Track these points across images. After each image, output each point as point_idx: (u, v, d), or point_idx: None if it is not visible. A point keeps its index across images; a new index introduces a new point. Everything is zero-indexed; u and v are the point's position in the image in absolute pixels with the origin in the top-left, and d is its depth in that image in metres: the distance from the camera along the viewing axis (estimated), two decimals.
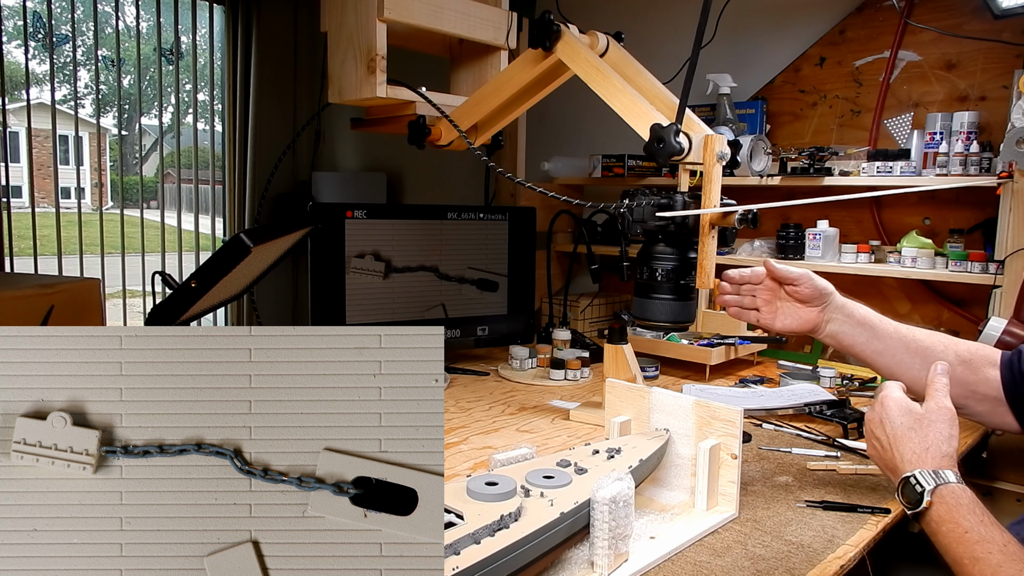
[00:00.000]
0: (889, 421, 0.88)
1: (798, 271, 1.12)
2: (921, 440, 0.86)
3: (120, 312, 3.14)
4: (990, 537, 0.77)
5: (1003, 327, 1.46)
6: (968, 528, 0.78)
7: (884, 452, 0.89)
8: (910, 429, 0.87)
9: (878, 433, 0.89)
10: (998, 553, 0.76)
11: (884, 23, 1.98)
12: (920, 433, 0.86)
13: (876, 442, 0.90)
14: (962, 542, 0.78)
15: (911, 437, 0.86)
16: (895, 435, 0.87)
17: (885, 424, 0.89)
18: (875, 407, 0.92)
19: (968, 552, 0.77)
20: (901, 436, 0.87)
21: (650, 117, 1.18)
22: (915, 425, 0.87)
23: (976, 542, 0.77)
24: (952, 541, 0.79)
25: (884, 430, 0.88)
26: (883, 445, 0.88)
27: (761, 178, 1.94)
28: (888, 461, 0.88)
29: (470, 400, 1.63)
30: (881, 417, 0.89)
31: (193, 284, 1.21)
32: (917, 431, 0.87)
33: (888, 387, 0.93)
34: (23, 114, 2.72)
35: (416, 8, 1.48)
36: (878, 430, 0.89)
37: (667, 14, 2.37)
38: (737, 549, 0.94)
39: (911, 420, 0.88)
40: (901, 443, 0.86)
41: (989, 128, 1.81)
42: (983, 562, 0.75)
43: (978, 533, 0.77)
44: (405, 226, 1.85)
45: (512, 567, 0.75)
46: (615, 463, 0.96)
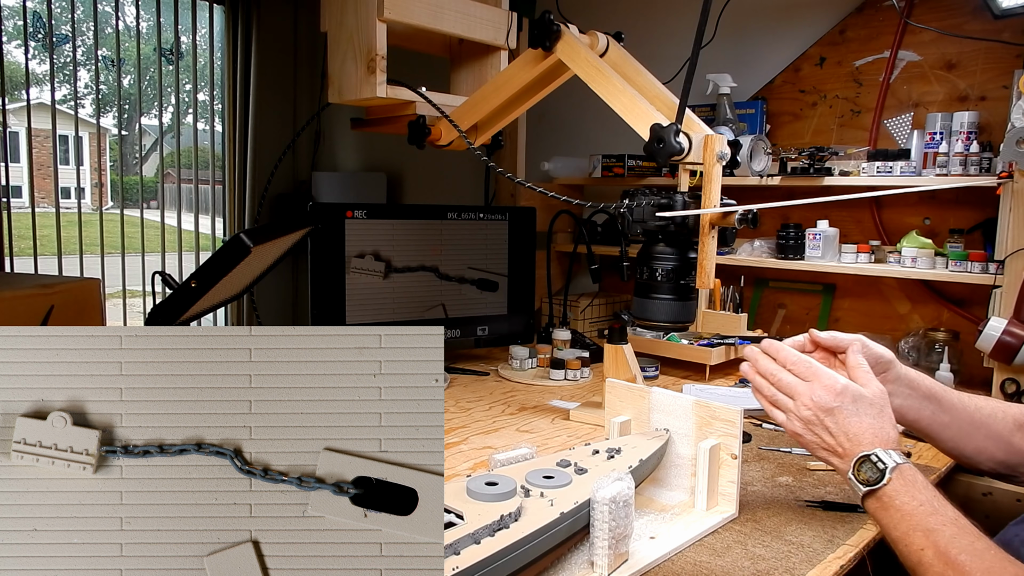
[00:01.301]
0: (843, 408, 0.88)
1: (849, 337, 1.00)
2: (879, 426, 0.87)
3: (120, 312, 3.14)
4: (943, 511, 0.80)
5: (1003, 327, 1.46)
6: (923, 501, 0.80)
7: (832, 437, 0.88)
8: (866, 415, 0.88)
9: (827, 421, 0.88)
10: (951, 525, 0.78)
11: (884, 23, 1.98)
12: (877, 419, 0.88)
13: (823, 430, 0.88)
14: (916, 515, 0.80)
15: (868, 423, 0.87)
16: (850, 421, 0.87)
17: (839, 412, 0.88)
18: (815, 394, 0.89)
19: (922, 524, 0.79)
20: (858, 421, 0.87)
21: (650, 117, 1.18)
22: (870, 411, 0.88)
23: (930, 514, 0.79)
24: (906, 514, 0.80)
25: (836, 417, 0.88)
26: (832, 431, 0.88)
27: (761, 178, 1.94)
28: (836, 446, 0.88)
29: (470, 400, 1.63)
30: (833, 405, 0.88)
31: (193, 284, 1.21)
32: (874, 416, 0.88)
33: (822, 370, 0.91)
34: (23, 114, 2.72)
35: (416, 8, 1.48)
36: (827, 418, 0.88)
37: (667, 14, 2.37)
38: (737, 549, 0.94)
39: (865, 405, 0.88)
40: (860, 428, 0.87)
41: (989, 128, 1.81)
42: (938, 533, 0.78)
43: (932, 506, 0.80)
44: (405, 226, 1.85)
45: (512, 567, 0.75)
46: (615, 463, 0.96)
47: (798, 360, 0.93)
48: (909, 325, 1.97)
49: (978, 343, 1.49)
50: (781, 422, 0.93)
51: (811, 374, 0.91)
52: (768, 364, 0.95)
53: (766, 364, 0.95)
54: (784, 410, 0.92)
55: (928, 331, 1.88)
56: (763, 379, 0.95)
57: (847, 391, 0.89)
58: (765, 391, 0.95)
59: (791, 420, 0.91)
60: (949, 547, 0.76)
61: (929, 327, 1.91)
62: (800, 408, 0.90)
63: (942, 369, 1.62)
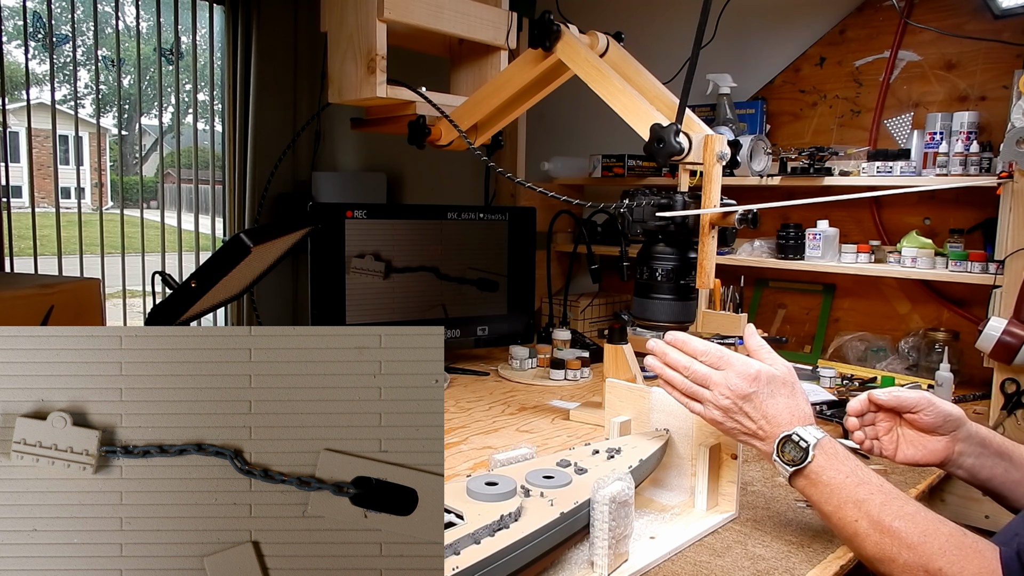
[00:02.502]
0: (759, 392, 0.88)
1: (914, 396, 0.96)
2: (795, 404, 0.88)
3: (120, 312, 3.14)
4: (868, 479, 0.81)
5: (1003, 327, 1.46)
6: (848, 473, 0.82)
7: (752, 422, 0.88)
8: (781, 395, 0.88)
9: (746, 407, 0.88)
10: (879, 493, 0.79)
11: (884, 23, 1.98)
12: (791, 398, 0.89)
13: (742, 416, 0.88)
14: (844, 487, 0.81)
15: (784, 403, 0.88)
16: (767, 403, 0.88)
17: (755, 397, 0.88)
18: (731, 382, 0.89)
19: (851, 495, 0.80)
20: (774, 403, 0.88)
21: (650, 117, 1.18)
22: (783, 390, 0.89)
23: (857, 485, 0.81)
24: (835, 487, 0.82)
25: (754, 402, 0.88)
26: (751, 416, 0.88)
27: (761, 178, 1.94)
28: (757, 430, 0.88)
29: (470, 400, 1.63)
30: (749, 391, 0.88)
31: (193, 284, 1.21)
32: (787, 396, 0.89)
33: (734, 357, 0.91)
34: (23, 114, 2.72)
35: (416, 8, 1.48)
36: (746, 404, 0.88)
37: (667, 14, 2.37)
38: (737, 549, 0.94)
39: (778, 385, 0.89)
40: (777, 409, 0.87)
41: (989, 128, 1.81)
42: (868, 502, 0.79)
43: (858, 477, 0.81)
44: (405, 226, 1.85)
45: (512, 567, 0.75)
46: (615, 463, 0.96)
47: (708, 349, 0.92)
48: (909, 325, 1.97)
49: (978, 343, 1.49)
50: (699, 412, 0.93)
51: (724, 363, 0.91)
52: (679, 357, 0.94)
53: (676, 357, 0.94)
54: (702, 401, 0.92)
55: (928, 331, 1.88)
56: (675, 372, 0.94)
57: (760, 375, 0.89)
58: (679, 384, 0.94)
59: (709, 410, 0.91)
60: (882, 515, 0.78)
61: (929, 327, 1.91)
62: (718, 397, 0.90)
63: (942, 369, 1.62)
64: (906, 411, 0.97)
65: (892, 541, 0.76)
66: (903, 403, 0.97)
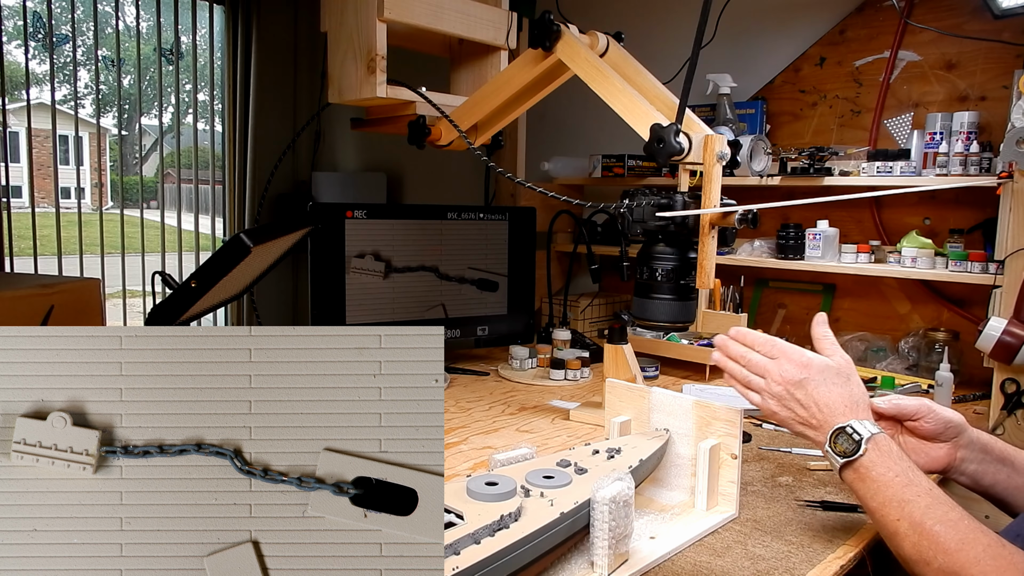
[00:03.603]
0: (811, 380, 0.89)
1: (914, 404, 0.97)
2: (849, 394, 0.88)
3: (120, 312, 3.14)
4: (918, 481, 0.81)
5: (1003, 327, 1.46)
6: (899, 472, 0.81)
7: (804, 409, 0.89)
8: (835, 384, 0.89)
9: (798, 394, 0.89)
10: (926, 496, 0.79)
11: (884, 23, 1.98)
12: (846, 387, 0.89)
13: (793, 401, 0.89)
14: (892, 485, 0.81)
15: (838, 392, 0.88)
16: (819, 391, 0.88)
17: (807, 384, 0.89)
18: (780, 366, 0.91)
19: (897, 495, 0.80)
20: (827, 391, 0.88)
21: (650, 117, 1.18)
22: (837, 380, 0.89)
23: (905, 485, 0.80)
24: (883, 484, 0.81)
25: (806, 389, 0.89)
26: (804, 403, 0.89)
27: (761, 178, 1.94)
28: (809, 418, 0.89)
29: (470, 400, 1.63)
30: (800, 377, 0.89)
31: (193, 284, 1.21)
32: (842, 385, 0.89)
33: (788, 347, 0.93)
34: (23, 114, 2.72)
35: (416, 8, 1.48)
36: (797, 391, 0.89)
37: (667, 14, 2.37)
38: (737, 549, 0.94)
39: (832, 375, 0.89)
40: (830, 397, 0.88)
41: (989, 128, 1.81)
42: (912, 504, 0.79)
43: (907, 477, 0.81)
44: (405, 226, 1.85)
45: (512, 567, 0.75)
46: (615, 463, 0.96)
47: (765, 340, 0.95)
48: (909, 325, 1.97)
49: (978, 343, 1.49)
50: (756, 403, 0.94)
51: (778, 351, 0.93)
52: (737, 348, 0.97)
53: (735, 348, 0.97)
54: (757, 390, 0.94)
55: (928, 331, 1.88)
56: (735, 363, 0.97)
57: (813, 363, 0.90)
58: (737, 374, 0.96)
59: (765, 399, 0.93)
60: (924, 517, 0.77)
61: (929, 327, 1.91)
62: (771, 385, 0.92)
63: (942, 369, 1.62)
64: (906, 419, 0.97)
65: (930, 544, 0.76)
66: (903, 411, 0.97)
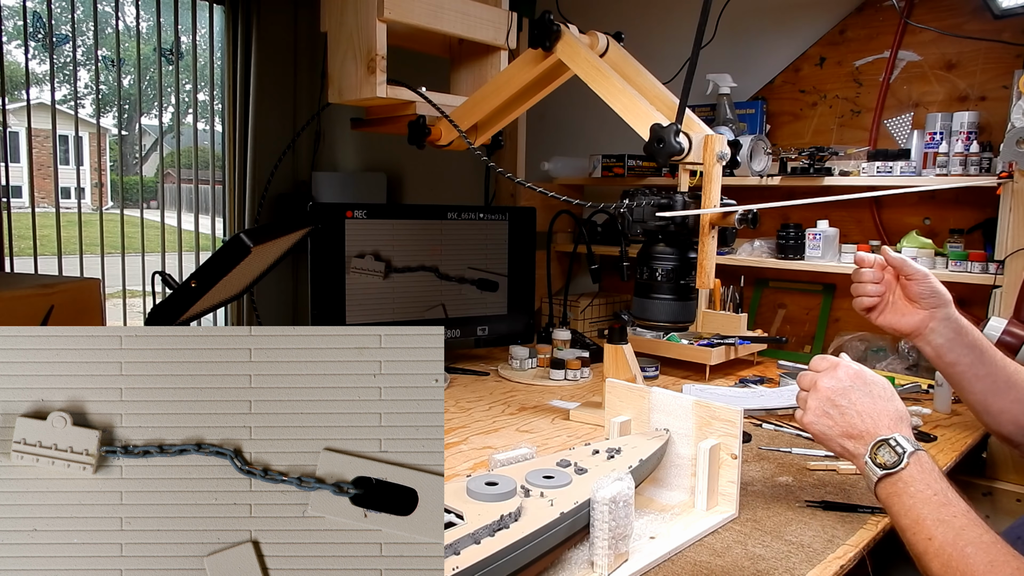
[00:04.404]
0: (856, 390, 0.90)
1: (915, 266, 1.09)
2: (895, 409, 0.89)
3: (120, 312, 3.14)
4: (955, 502, 0.81)
5: (1003, 327, 1.46)
6: (937, 491, 0.81)
7: (844, 418, 0.89)
8: (881, 397, 0.89)
9: (840, 401, 0.90)
10: (962, 517, 0.79)
11: (884, 23, 1.98)
12: (891, 403, 0.89)
13: (835, 409, 0.90)
14: (929, 503, 0.81)
15: (883, 405, 0.89)
16: (864, 401, 0.89)
17: (851, 392, 0.90)
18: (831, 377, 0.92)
19: (933, 514, 0.80)
20: (872, 403, 0.89)
21: (650, 117, 1.18)
22: (884, 393, 0.90)
23: (942, 505, 0.80)
24: (919, 502, 0.81)
25: (849, 397, 0.89)
26: (843, 412, 0.89)
27: (761, 178, 1.94)
28: (850, 427, 0.89)
29: (470, 400, 1.63)
30: (845, 386, 0.90)
31: (193, 284, 1.21)
32: (888, 400, 0.90)
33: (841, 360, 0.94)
34: (23, 114, 2.72)
35: (416, 8, 1.48)
36: (841, 398, 0.90)
37: (667, 14, 2.37)
38: (737, 549, 0.94)
39: (879, 388, 0.90)
40: (875, 408, 0.88)
41: (989, 128, 1.81)
42: (947, 524, 0.78)
43: (945, 497, 0.81)
44: (405, 226, 1.85)
45: (512, 567, 0.75)
46: (615, 463, 0.96)
47: (820, 359, 0.96)
48: None
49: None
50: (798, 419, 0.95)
51: (828, 363, 0.94)
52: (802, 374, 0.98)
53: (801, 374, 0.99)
54: (802, 405, 0.94)
55: None
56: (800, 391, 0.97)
57: (863, 374, 0.91)
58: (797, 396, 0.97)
59: (805, 413, 0.93)
60: (957, 538, 0.77)
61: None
62: (814, 396, 0.92)
63: None
64: (904, 275, 1.08)
65: (959, 565, 0.76)
66: (905, 268, 1.08)
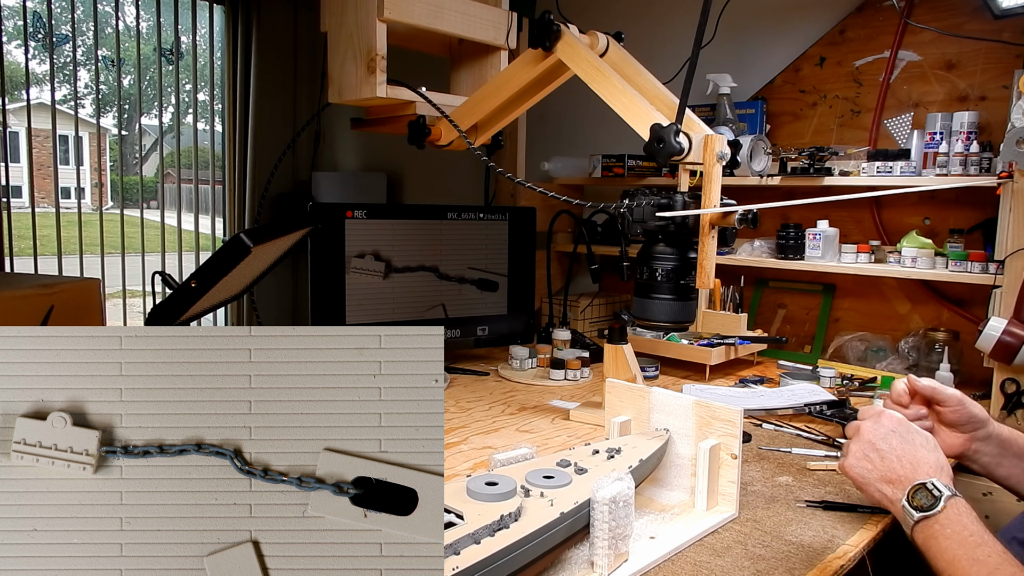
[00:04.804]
0: (897, 435, 0.92)
1: (948, 392, 1.05)
2: (936, 459, 0.91)
3: (120, 312, 3.14)
4: (991, 542, 0.82)
5: (1003, 327, 1.46)
6: (973, 532, 0.82)
7: (883, 462, 0.91)
8: (923, 447, 0.91)
9: (881, 445, 0.92)
10: (996, 556, 0.80)
11: (884, 23, 1.98)
12: (934, 454, 0.92)
13: (875, 453, 0.92)
14: (965, 544, 0.82)
15: (925, 454, 0.91)
16: (906, 448, 0.91)
17: (891, 437, 0.92)
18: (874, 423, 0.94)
19: (969, 553, 0.81)
20: (913, 450, 0.91)
21: (650, 117, 1.18)
22: (927, 444, 0.92)
23: (978, 545, 0.81)
24: (955, 543, 0.82)
25: (889, 443, 0.91)
26: (883, 456, 0.91)
27: (761, 178, 1.94)
28: (889, 471, 0.91)
29: (470, 400, 1.63)
30: (887, 431, 0.92)
31: (193, 284, 1.21)
32: (931, 451, 0.92)
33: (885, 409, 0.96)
34: (23, 114, 2.72)
35: (416, 8, 1.48)
36: (882, 442, 0.92)
37: (667, 14, 2.37)
38: (737, 549, 0.94)
39: (923, 439, 0.92)
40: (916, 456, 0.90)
41: (989, 128, 1.81)
42: (982, 563, 0.80)
43: (980, 537, 0.82)
44: (405, 226, 1.85)
45: (512, 567, 0.75)
46: (615, 463, 0.96)
47: (866, 408, 0.98)
48: (909, 325, 1.97)
49: (978, 343, 1.49)
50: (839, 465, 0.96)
51: (872, 413, 0.96)
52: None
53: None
54: (845, 452, 0.95)
55: (928, 331, 1.88)
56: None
57: (902, 421, 0.93)
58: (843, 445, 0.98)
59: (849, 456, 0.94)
60: None
61: (929, 327, 1.91)
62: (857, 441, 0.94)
63: (942, 369, 1.62)
64: (937, 403, 1.04)
65: None
66: (936, 395, 1.04)
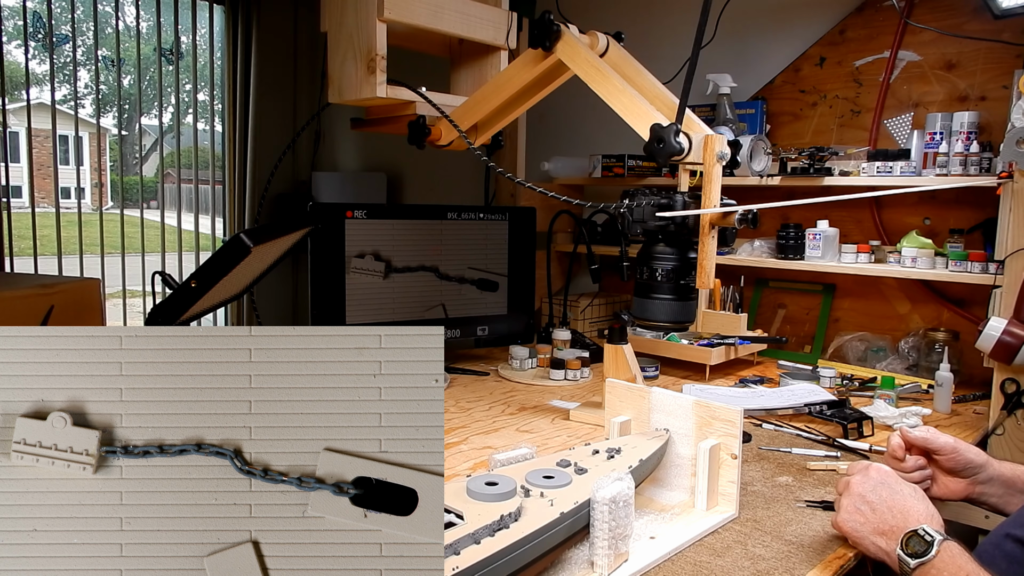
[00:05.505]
0: (886, 487, 0.93)
1: (941, 441, 1.05)
2: (927, 509, 0.92)
3: (120, 312, 3.14)
4: None
5: (1003, 327, 1.46)
6: (969, 572, 0.83)
7: (875, 514, 0.92)
8: (913, 498, 0.92)
9: (871, 497, 0.93)
10: None
11: (884, 23, 1.98)
12: (923, 504, 0.92)
13: (866, 506, 0.93)
14: None
15: (914, 504, 0.92)
16: (896, 498, 0.92)
17: (880, 489, 0.93)
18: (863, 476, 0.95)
19: None
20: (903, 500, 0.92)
21: (650, 117, 1.18)
22: (916, 495, 0.93)
23: None
24: None
25: (879, 494, 0.92)
26: (874, 508, 0.92)
27: (761, 178, 1.94)
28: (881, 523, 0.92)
29: (470, 400, 1.63)
30: (876, 483, 0.93)
31: (193, 284, 1.21)
32: (921, 501, 0.93)
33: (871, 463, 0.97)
34: (23, 114, 2.72)
35: (416, 8, 1.48)
36: (871, 495, 0.93)
37: (667, 14, 2.37)
38: (737, 549, 0.94)
39: (910, 490, 0.93)
40: (907, 505, 0.91)
41: (989, 128, 1.81)
42: None
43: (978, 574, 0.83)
44: (405, 226, 1.85)
45: (512, 567, 0.75)
46: (615, 463, 0.96)
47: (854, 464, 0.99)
48: (909, 325, 1.97)
49: (978, 343, 1.49)
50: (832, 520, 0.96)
51: (860, 467, 0.97)
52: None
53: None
54: (837, 507, 0.96)
55: (928, 331, 1.88)
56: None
57: (890, 473, 0.95)
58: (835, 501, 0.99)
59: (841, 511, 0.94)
60: None
61: (929, 327, 1.91)
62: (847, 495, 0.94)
63: (942, 369, 1.62)
64: (933, 453, 1.06)
65: None
66: (930, 444, 1.05)
